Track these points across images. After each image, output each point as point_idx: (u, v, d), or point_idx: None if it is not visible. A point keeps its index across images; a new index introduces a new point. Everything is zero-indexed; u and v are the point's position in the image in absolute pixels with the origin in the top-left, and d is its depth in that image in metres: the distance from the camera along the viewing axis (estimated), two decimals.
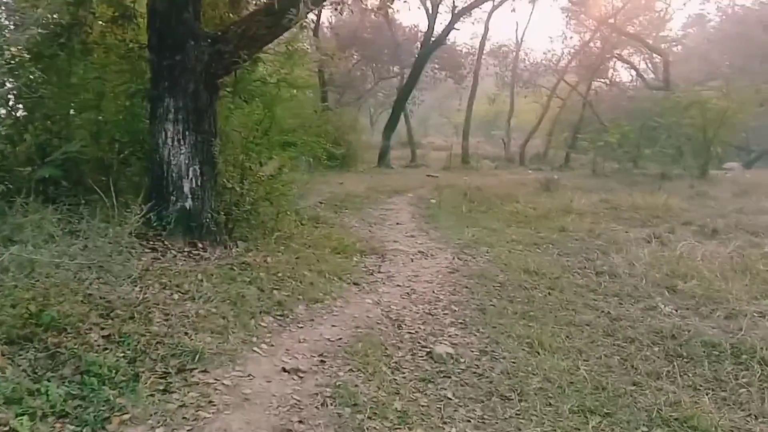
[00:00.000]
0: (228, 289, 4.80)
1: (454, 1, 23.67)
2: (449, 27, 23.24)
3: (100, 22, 7.26)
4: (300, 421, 3.31)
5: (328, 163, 10.44)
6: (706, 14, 36.08)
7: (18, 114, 6.55)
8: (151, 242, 5.52)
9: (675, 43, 33.70)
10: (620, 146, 21.22)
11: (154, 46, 6.04)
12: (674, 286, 6.75)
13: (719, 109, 18.96)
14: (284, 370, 3.85)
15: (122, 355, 3.54)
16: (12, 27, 5.80)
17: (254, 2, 7.45)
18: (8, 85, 6.07)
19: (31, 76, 6.26)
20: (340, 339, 4.50)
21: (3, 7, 6.05)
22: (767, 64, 30.04)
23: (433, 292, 6.20)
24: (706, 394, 4.19)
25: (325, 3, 6.60)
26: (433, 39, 23.44)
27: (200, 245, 5.84)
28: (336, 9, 6.65)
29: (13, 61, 5.76)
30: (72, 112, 7.01)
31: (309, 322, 4.79)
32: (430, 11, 23.79)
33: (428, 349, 4.54)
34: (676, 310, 6.05)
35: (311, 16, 23.89)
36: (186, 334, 3.92)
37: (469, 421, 3.58)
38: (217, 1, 6.92)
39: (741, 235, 9.87)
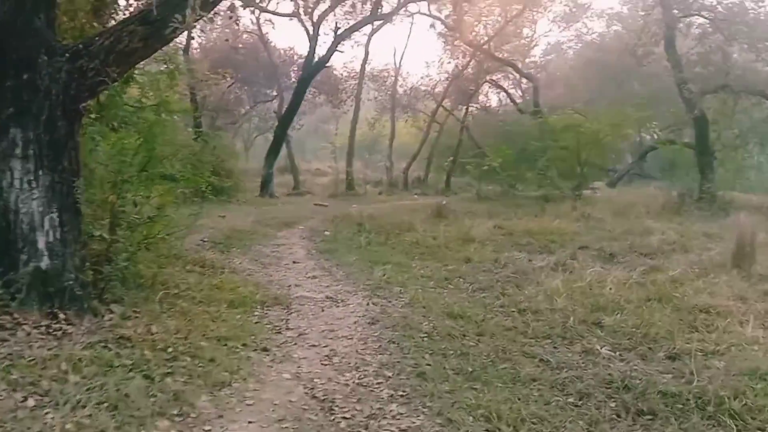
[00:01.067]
0: (104, 383, 3.59)
1: (336, 23, 23.08)
2: (332, 49, 22.57)
3: None
4: None
5: (212, 197, 9.22)
6: (565, 42, 37.98)
7: None
8: None
9: (540, 70, 35.16)
10: (503, 170, 21.41)
11: None
12: (600, 322, 6.37)
13: (591, 132, 19.57)
14: None
15: None
16: None
17: (125, 9, 6.23)
18: None
19: None
20: None
21: None
22: (624, 89, 32.03)
23: (357, 352, 5.28)
24: None
25: (218, 11, 5.51)
26: (315, 61, 22.66)
27: (62, 316, 4.53)
28: (230, 18, 5.58)
29: None
30: None
31: (217, 420, 3.66)
32: (311, 32, 23.04)
33: None
34: (615, 352, 5.59)
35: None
36: None
37: None
38: (77, 8, 5.63)
39: (637, 258, 9.92)
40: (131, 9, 6.78)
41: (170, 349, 4.46)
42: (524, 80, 33.16)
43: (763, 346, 5.44)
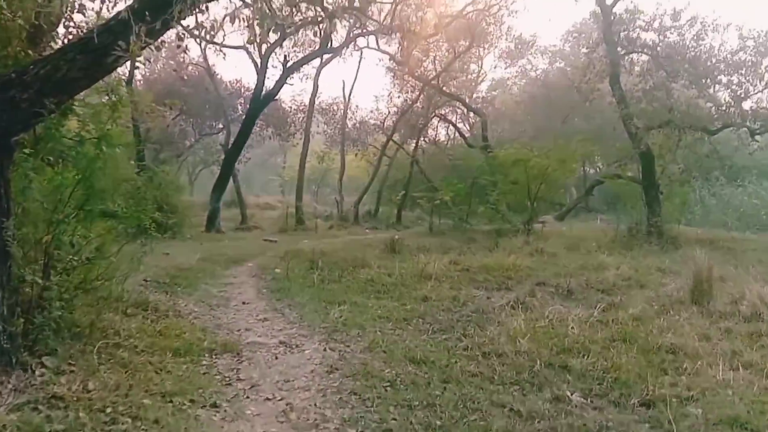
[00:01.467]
0: None
1: (285, 56, 22.90)
2: (281, 82, 22.35)
3: None
4: None
5: (156, 235, 8.70)
6: (510, 78, 38.74)
7: None
8: None
9: (487, 105, 35.76)
10: (454, 204, 21.38)
11: None
12: (567, 365, 6.16)
13: (541, 167, 19.78)
14: None
15: None
16: None
17: (64, 36, 5.79)
18: None
19: None
20: None
21: None
22: (569, 124, 32.74)
23: (316, 405, 4.88)
24: None
25: (164, 40, 5.15)
26: (263, 94, 22.37)
27: None
28: (179, 47, 5.23)
29: None
30: None
31: None
32: (259, 65, 22.76)
33: None
34: (586, 398, 5.38)
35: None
36: None
37: None
38: (10, 35, 5.18)
39: (595, 294, 9.89)
40: (71, 36, 6.33)
41: (109, 410, 3.99)
42: (472, 115, 33.65)
43: (737, 390, 5.30)
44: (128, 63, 18.49)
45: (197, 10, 4.38)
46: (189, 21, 4.67)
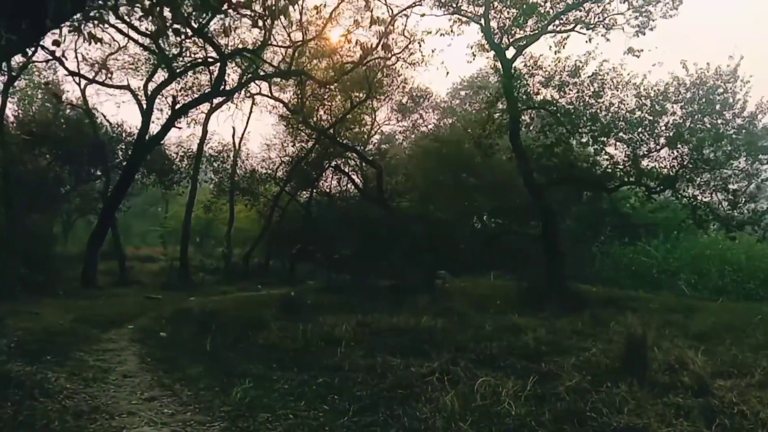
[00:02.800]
0: None
1: (174, 98, 21.55)
2: (168, 126, 20.91)
3: None
4: None
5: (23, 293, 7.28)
6: (400, 131, 39.04)
7: None
8: None
9: (380, 157, 35.76)
10: (356, 258, 20.64)
11: None
12: None
13: (440, 221, 19.59)
14: None
15: None
16: None
17: None
18: None
19: None
20: None
21: None
22: (463, 178, 33.13)
23: None
24: None
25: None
26: (147, 138, 20.85)
27: None
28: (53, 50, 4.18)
29: None
30: None
31: None
32: (145, 107, 21.25)
33: None
34: None
35: None
36: None
37: None
38: None
39: (519, 361, 9.01)
40: None
41: None
42: (365, 166, 33.37)
43: None
44: None
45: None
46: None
